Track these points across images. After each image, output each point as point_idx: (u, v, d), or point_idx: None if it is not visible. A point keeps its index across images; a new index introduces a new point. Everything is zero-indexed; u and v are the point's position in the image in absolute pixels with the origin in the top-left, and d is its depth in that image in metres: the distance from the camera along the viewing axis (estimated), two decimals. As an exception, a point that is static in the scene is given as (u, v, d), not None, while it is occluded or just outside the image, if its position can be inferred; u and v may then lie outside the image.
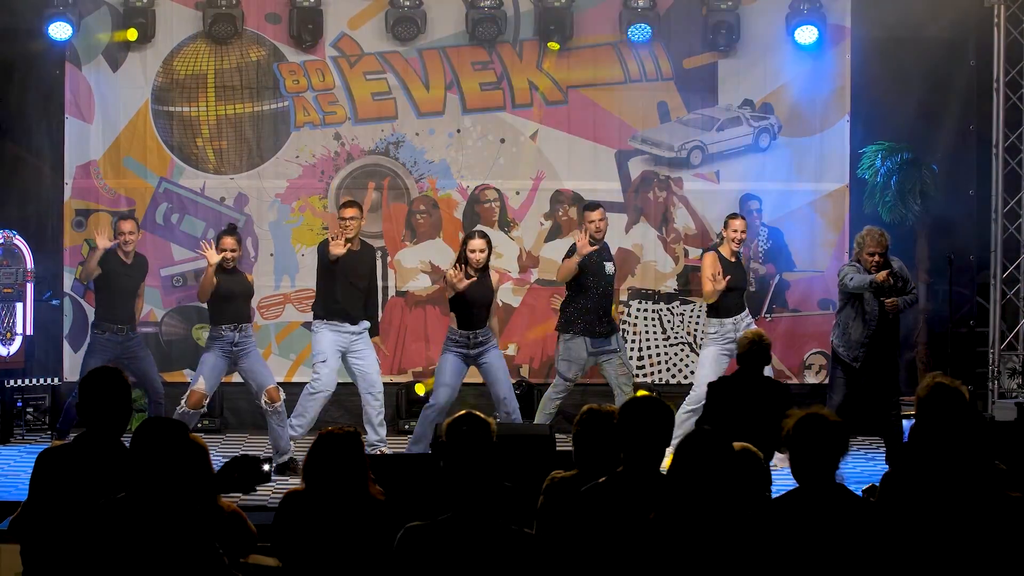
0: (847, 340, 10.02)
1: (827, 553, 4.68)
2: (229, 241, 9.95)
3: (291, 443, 9.96)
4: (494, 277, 10.10)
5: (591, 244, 10.08)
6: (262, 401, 9.93)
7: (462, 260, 9.85)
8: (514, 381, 11.70)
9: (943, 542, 4.50)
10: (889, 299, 9.84)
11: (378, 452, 9.85)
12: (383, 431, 10.21)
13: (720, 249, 10.44)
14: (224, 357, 9.93)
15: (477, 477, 4.70)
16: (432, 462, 5.63)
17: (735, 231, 10.37)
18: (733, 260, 10.40)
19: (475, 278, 9.73)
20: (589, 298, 10.20)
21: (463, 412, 5.78)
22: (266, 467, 9.53)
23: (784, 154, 12.30)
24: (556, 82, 12.28)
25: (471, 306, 9.82)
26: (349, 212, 10.16)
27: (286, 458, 9.86)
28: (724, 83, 12.30)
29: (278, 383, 10.15)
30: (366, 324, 10.27)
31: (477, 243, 9.87)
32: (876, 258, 9.82)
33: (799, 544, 4.67)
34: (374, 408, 10.17)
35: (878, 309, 9.88)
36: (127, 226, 10.48)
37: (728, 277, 10.23)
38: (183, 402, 9.95)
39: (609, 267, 10.34)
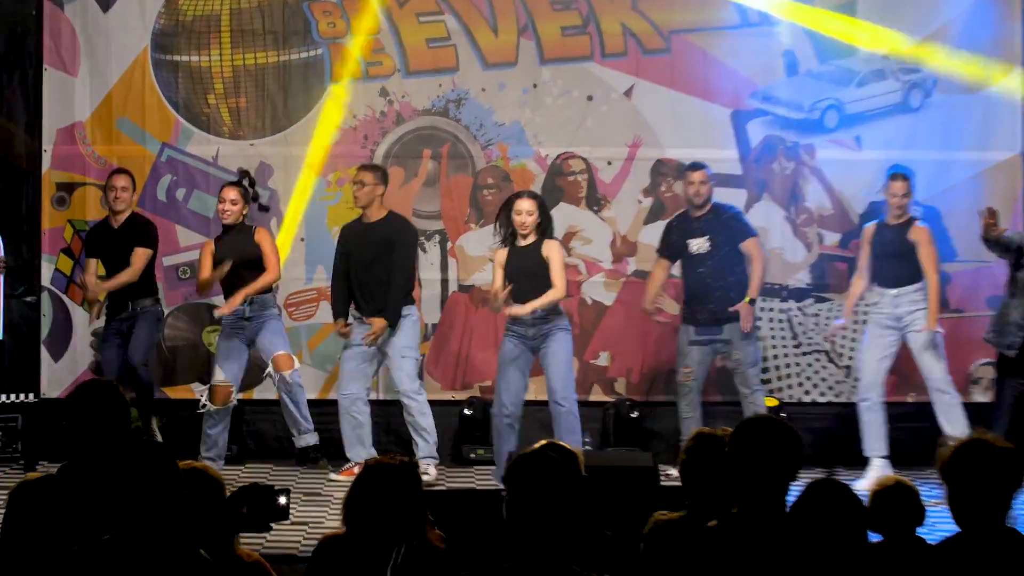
0: (1001, 325, 9.35)
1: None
2: (230, 192, 9.87)
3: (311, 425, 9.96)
4: (550, 249, 9.35)
5: (692, 208, 9.99)
6: (269, 370, 9.78)
7: (505, 225, 9.45)
8: (612, 400, 10.97)
9: None
10: None
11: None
12: (431, 438, 9.82)
13: (886, 220, 9.88)
14: (237, 335, 9.76)
15: (549, 520, 4.38)
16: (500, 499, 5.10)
17: (893, 195, 9.82)
18: (895, 223, 9.82)
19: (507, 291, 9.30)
20: (684, 284, 10.29)
21: (542, 443, 5.38)
22: (283, 499, 8.39)
23: (940, 115, 11.05)
24: (655, 25, 11.05)
25: (511, 281, 9.42)
26: (363, 175, 9.87)
27: (310, 441, 9.87)
28: (865, 25, 11.42)
29: (310, 400, 9.94)
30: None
31: (525, 204, 9.45)
32: None
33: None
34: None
35: None
36: (120, 180, 10.12)
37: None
38: (206, 402, 9.75)
39: (695, 244, 9.94)
